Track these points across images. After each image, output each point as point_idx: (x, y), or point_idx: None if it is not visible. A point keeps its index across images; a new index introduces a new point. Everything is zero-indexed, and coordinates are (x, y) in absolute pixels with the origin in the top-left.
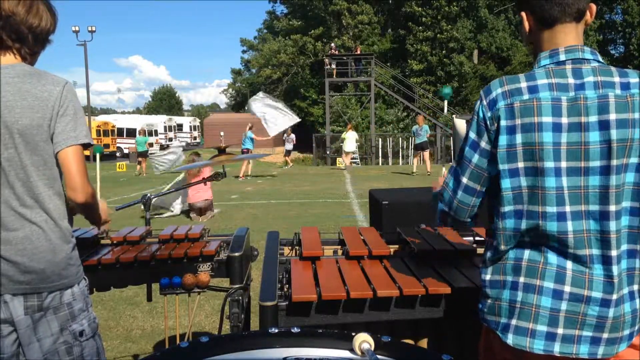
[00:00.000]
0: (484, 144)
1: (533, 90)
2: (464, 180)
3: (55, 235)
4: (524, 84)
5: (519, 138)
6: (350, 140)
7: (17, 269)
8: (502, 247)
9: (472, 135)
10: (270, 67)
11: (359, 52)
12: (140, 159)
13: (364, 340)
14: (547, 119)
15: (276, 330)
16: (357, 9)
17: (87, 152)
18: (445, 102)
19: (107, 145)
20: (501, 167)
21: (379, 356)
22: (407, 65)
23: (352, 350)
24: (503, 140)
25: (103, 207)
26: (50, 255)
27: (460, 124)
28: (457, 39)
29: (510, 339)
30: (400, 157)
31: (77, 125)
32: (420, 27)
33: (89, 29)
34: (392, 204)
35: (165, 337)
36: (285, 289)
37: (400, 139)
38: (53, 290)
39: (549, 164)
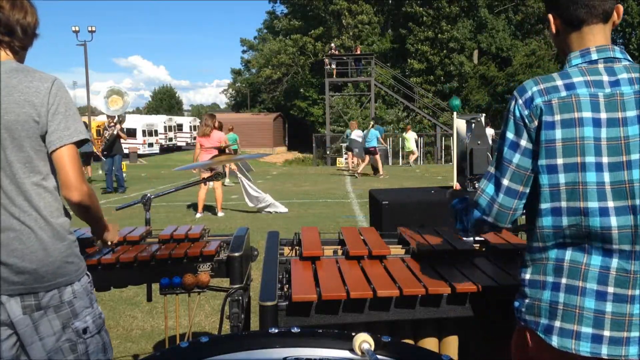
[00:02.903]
0: (524, 142)
1: (570, 87)
2: (505, 182)
3: (47, 234)
4: (559, 82)
5: (558, 134)
6: (412, 140)
7: (10, 270)
8: (541, 245)
9: (510, 135)
10: (270, 67)
11: (359, 52)
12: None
13: (364, 340)
14: (587, 114)
15: (276, 330)
16: (357, 9)
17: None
18: (455, 114)
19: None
20: (539, 163)
21: (379, 356)
22: (407, 65)
23: (352, 350)
24: (542, 136)
25: (116, 230)
26: (42, 255)
27: (461, 124)
28: (457, 39)
29: (555, 341)
30: (401, 157)
31: (70, 123)
32: (421, 27)
33: (89, 29)
34: (392, 204)
35: (165, 337)
36: (285, 289)
37: (400, 139)
38: (50, 289)
39: (590, 159)
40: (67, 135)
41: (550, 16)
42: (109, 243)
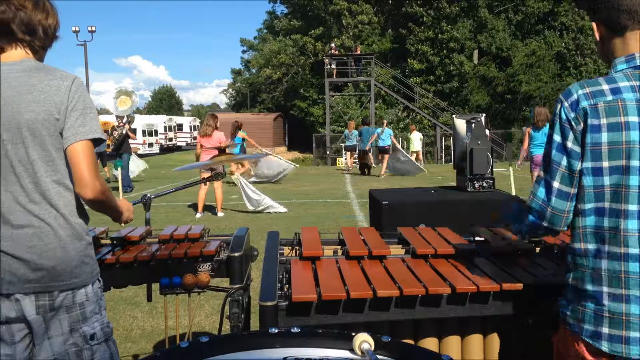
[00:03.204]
0: (570, 144)
1: (616, 91)
2: (556, 185)
3: (66, 232)
4: (605, 86)
5: (604, 137)
6: (416, 141)
7: (27, 266)
8: (582, 247)
9: (557, 138)
10: (270, 67)
11: (359, 52)
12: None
13: (364, 340)
14: (634, 119)
15: (276, 330)
16: (357, 9)
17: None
18: (509, 144)
19: (108, 145)
20: (584, 165)
21: (379, 356)
22: (407, 65)
23: (352, 350)
24: (588, 139)
25: (128, 206)
26: (61, 252)
27: (460, 124)
28: (457, 39)
29: (605, 346)
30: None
31: (87, 121)
32: (421, 27)
33: (89, 29)
34: (392, 204)
35: (165, 337)
36: (285, 289)
37: (400, 139)
38: (64, 289)
39: (635, 163)
40: (82, 131)
41: (593, 24)
42: (126, 222)
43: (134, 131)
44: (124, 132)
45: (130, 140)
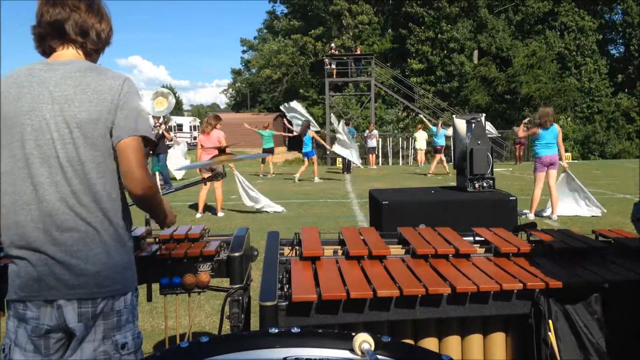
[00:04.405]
0: None
1: None
2: None
3: (111, 237)
4: None
5: None
6: (422, 140)
7: (71, 272)
8: None
9: None
10: (270, 67)
11: (359, 52)
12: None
13: (364, 340)
14: None
15: (276, 330)
16: (357, 9)
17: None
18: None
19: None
20: None
21: (379, 356)
22: (407, 65)
23: (352, 350)
24: None
25: (170, 209)
26: (105, 258)
27: (460, 124)
28: (457, 39)
29: None
30: (401, 157)
31: (138, 119)
32: (421, 27)
33: None
34: (392, 204)
35: (165, 337)
36: (285, 289)
37: (400, 139)
38: (107, 296)
39: None
40: (133, 128)
41: None
42: (169, 226)
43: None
44: (160, 132)
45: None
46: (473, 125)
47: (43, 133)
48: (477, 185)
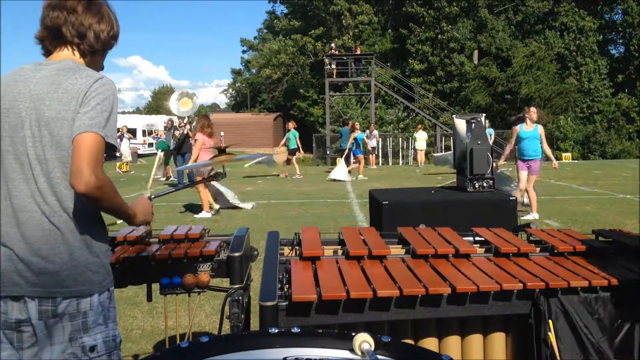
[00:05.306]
0: None
1: None
2: None
3: (75, 238)
4: None
5: None
6: (422, 140)
7: (32, 269)
8: None
9: None
10: (270, 67)
11: (359, 52)
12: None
13: (364, 340)
14: None
15: (276, 330)
16: (357, 9)
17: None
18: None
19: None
20: None
21: (379, 356)
22: (407, 65)
23: (352, 350)
24: None
25: (145, 209)
26: (67, 258)
27: (460, 124)
28: (458, 39)
29: None
30: (401, 157)
31: (100, 118)
32: (421, 27)
33: None
34: (392, 204)
35: (165, 337)
36: (285, 289)
37: (400, 139)
38: (68, 296)
39: None
40: (89, 124)
41: None
42: (147, 225)
43: (131, 131)
44: (185, 132)
45: (131, 141)
46: (473, 125)
47: (17, 131)
48: (477, 185)
